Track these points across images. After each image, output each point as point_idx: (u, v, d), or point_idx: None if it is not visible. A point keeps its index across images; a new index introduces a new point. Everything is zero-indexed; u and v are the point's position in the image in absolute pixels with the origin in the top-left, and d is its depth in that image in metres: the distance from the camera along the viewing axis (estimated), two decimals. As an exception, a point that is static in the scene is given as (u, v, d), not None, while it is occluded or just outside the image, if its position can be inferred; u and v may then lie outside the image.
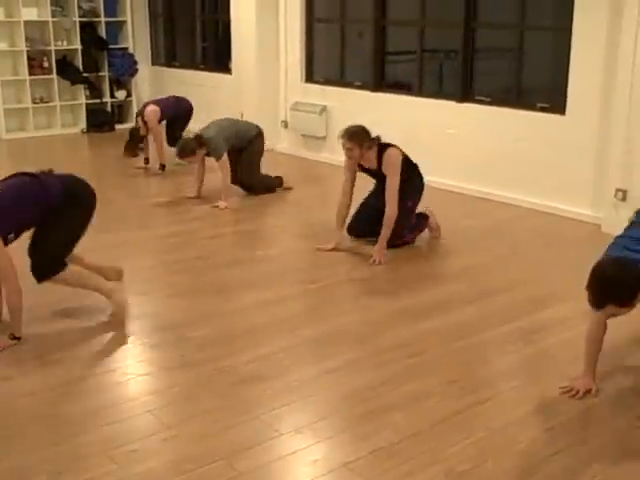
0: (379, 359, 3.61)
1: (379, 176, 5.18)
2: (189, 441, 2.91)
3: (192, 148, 6.26)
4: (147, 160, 7.84)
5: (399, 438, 2.92)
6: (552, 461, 2.80)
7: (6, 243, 3.65)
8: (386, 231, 5.01)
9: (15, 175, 3.88)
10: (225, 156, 6.28)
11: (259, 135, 6.64)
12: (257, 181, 6.69)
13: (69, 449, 2.85)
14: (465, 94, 6.84)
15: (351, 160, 5.14)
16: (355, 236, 5.39)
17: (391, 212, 5.00)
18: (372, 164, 5.13)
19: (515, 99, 6.52)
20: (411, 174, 5.21)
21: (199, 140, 6.27)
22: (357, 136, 5.04)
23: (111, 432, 2.96)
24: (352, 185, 5.25)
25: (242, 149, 6.53)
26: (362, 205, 5.43)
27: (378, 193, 5.25)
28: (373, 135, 5.11)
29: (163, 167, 7.66)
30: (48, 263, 3.85)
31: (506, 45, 6.86)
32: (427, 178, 5.43)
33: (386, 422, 3.04)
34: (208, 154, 6.35)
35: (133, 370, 3.53)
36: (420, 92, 7.30)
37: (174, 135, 7.66)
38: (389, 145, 5.14)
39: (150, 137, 7.72)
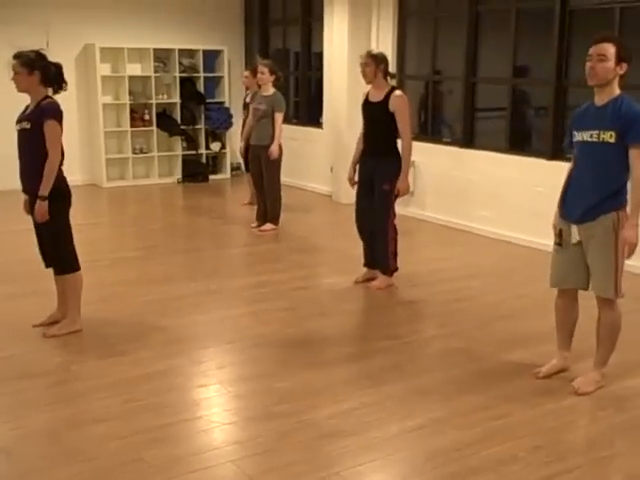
0: (464, 419, 3.56)
1: (378, 115, 5.41)
2: (270, 493, 2.94)
3: None
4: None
5: (482, 503, 2.87)
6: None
7: None
8: (405, 165, 5.40)
9: None
10: None
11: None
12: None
13: (154, 494, 2.92)
14: (555, 152, 6.77)
15: (364, 78, 5.44)
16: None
17: (407, 143, 5.41)
18: (379, 97, 5.39)
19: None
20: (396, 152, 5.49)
21: None
22: (376, 55, 5.47)
23: (195, 480, 3.02)
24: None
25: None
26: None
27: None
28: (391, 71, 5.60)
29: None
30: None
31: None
32: (514, 236, 5.36)
33: (468, 486, 2.99)
34: None
35: (218, 419, 3.60)
36: (509, 149, 7.27)
37: None
38: (398, 88, 5.59)
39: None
